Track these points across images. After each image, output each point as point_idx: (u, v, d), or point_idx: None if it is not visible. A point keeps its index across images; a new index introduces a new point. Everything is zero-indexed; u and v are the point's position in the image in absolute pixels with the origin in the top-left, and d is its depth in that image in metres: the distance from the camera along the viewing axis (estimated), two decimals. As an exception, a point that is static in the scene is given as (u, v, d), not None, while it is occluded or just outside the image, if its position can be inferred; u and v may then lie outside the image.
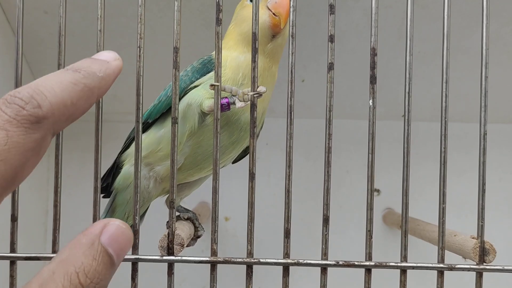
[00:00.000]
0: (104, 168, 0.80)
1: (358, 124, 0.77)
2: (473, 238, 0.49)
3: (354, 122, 0.77)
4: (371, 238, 0.44)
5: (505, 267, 0.44)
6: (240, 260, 0.45)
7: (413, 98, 0.44)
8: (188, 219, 0.59)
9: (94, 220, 0.44)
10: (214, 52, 0.57)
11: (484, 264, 0.45)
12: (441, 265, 0.44)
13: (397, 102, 0.74)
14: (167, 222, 0.55)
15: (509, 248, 0.77)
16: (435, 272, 0.44)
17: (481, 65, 0.44)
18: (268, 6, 0.55)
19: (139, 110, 0.44)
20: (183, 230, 0.46)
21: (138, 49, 0.44)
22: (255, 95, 0.44)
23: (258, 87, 0.45)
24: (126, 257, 0.44)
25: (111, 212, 0.60)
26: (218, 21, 0.44)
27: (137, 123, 0.43)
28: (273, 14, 0.55)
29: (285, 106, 0.43)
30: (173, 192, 0.44)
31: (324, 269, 0.45)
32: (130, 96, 0.55)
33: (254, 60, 0.44)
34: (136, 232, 0.44)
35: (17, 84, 0.43)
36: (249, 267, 0.45)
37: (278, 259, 0.44)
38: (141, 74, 0.44)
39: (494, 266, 0.44)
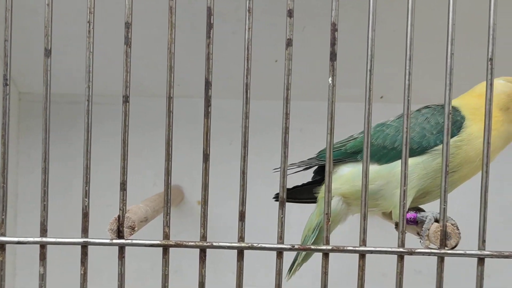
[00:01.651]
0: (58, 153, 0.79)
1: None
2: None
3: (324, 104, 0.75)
4: (329, 221, 0.43)
5: (467, 252, 0.43)
6: (192, 244, 0.43)
7: (393, 80, 0.43)
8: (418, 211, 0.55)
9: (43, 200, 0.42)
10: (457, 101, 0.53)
11: (446, 248, 0.43)
12: (401, 249, 0.43)
13: (376, 83, 0.72)
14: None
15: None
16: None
17: (447, 42, 0.43)
18: None
19: (89, 88, 0.42)
20: (136, 213, 0.45)
21: (88, 23, 0.42)
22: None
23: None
24: (75, 240, 0.43)
25: None
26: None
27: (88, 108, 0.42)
28: None
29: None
30: (124, 174, 0.43)
31: (280, 253, 0.43)
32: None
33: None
34: (86, 215, 0.43)
35: None
36: (202, 250, 0.43)
37: (232, 243, 0.43)
38: (91, 50, 0.42)
39: (456, 251, 0.43)
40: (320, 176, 0.60)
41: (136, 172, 0.75)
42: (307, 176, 0.63)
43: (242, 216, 0.43)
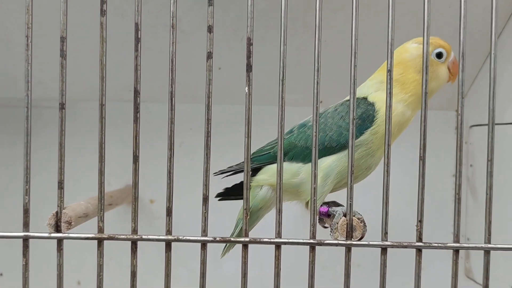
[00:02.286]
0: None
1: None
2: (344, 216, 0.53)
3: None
4: (247, 215, 0.48)
5: (370, 242, 0.48)
6: (124, 237, 0.48)
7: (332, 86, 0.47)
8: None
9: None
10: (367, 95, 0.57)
11: (352, 239, 0.49)
12: (312, 241, 0.48)
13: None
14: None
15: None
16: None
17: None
18: (449, 65, 0.58)
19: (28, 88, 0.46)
20: (74, 209, 0.49)
21: (26, 38, 0.46)
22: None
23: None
24: (17, 234, 0.47)
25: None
26: (103, 12, 0.46)
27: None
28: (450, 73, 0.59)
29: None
30: (61, 174, 0.47)
31: (203, 244, 0.48)
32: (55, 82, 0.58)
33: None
34: (26, 211, 0.47)
35: None
36: (134, 243, 0.48)
37: (159, 236, 0.48)
38: (29, 62, 0.47)
39: (360, 242, 0.48)
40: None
41: (91, 172, 0.79)
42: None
43: (169, 212, 0.48)
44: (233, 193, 0.65)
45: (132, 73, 0.47)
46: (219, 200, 0.65)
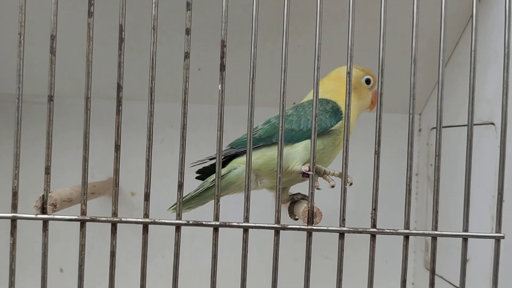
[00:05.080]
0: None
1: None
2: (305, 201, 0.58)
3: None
4: (218, 201, 0.53)
5: (329, 228, 0.53)
6: (104, 219, 0.52)
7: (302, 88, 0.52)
8: (302, 198, 0.66)
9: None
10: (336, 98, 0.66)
11: (313, 225, 0.54)
12: (276, 225, 0.53)
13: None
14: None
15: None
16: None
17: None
18: (372, 93, 0.70)
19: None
20: (59, 194, 0.54)
21: (19, 35, 0.51)
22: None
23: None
24: (4, 215, 0.51)
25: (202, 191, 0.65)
26: (90, 14, 0.51)
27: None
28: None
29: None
30: (48, 160, 0.51)
31: (178, 227, 0.53)
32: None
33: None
34: (15, 194, 0.51)
35: None
36: (113, 225, 0.52)
37: (137, 219, 0.52)
38: (22, 57, 0.51)
39: (320, 227, 0.53)
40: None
41: (74, 164, 0.83)
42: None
43: (147, 197, 0.52)
44: (211, 172, 0.70)
45: (115, 72, 0.51)
46: (197, 178, 0.70)
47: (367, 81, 0.70)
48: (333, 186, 0.61)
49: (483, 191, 0.70)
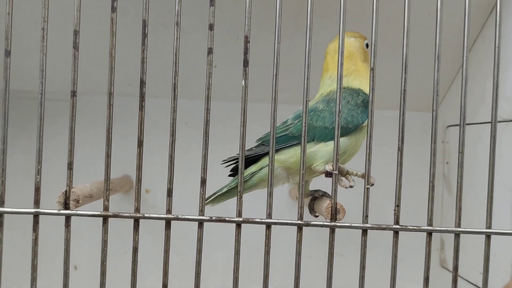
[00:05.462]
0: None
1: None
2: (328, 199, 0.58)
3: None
4: (241, 198, 0.52)
5: (352, 224, 0.53)
6: (127, 214, 0.52)
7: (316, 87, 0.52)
8: (323, 195, 0.65)
9: (1, 176, 0.50)
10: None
11: (336, 221, 0.53)
12: (299, 222, 0.53)
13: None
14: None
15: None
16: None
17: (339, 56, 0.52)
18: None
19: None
20: (81, 189, 0.53)
21: (42, 30, 0.51)
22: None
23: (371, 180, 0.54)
24: (27, 210, 0.51)
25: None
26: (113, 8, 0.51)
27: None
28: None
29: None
30: (71, 156, 0.51)
31: (200, 223, 0.52)
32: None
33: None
34: (38, 189, 0.51)
35: None
36: (136, 221, 0.52)
37: (160, 214, 0.52)
38: (45, 52, 0.51)
39: (343, 223, 0.53)
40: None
41: (89, 162, 0.83)
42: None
43: (170, 192, 0.52)
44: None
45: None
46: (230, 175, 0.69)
47: (366, 45, 0.67)
48: (351, 187, 0.60)
49: (503, 188, 0.69)
